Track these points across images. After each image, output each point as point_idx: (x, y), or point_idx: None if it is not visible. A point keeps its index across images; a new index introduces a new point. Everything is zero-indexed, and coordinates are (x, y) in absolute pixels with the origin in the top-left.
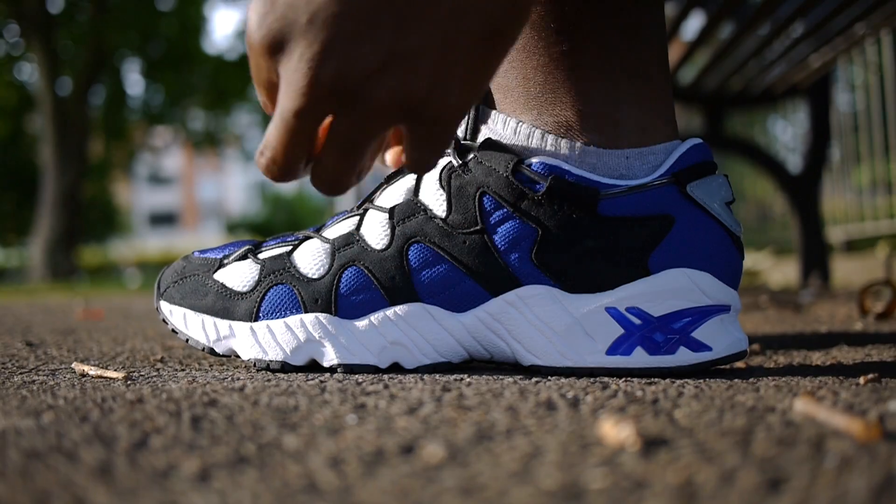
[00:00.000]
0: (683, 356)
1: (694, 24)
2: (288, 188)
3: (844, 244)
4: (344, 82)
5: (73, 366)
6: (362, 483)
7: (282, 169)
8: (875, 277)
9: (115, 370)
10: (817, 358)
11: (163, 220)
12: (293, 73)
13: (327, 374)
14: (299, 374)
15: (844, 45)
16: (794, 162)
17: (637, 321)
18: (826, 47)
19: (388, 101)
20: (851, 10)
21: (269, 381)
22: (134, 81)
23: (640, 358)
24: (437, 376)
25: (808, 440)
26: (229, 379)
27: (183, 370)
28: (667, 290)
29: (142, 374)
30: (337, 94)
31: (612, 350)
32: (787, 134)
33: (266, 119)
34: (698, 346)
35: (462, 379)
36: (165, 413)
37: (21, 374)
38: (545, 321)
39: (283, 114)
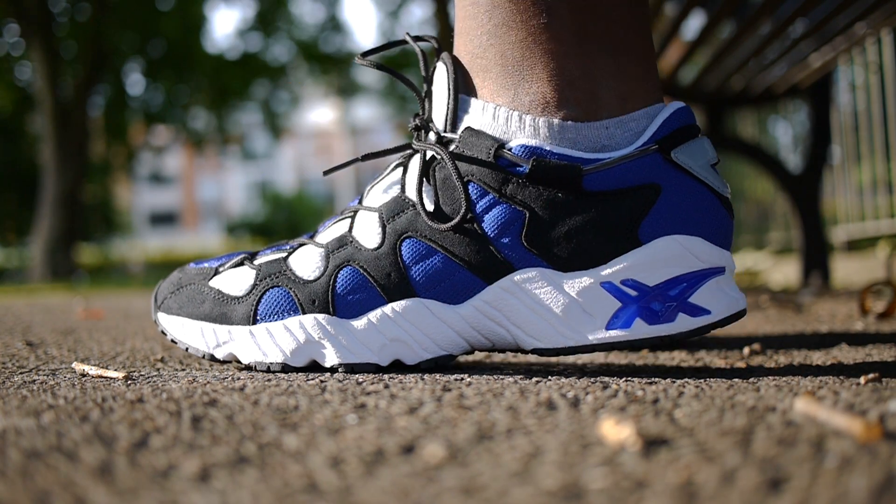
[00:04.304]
0: (683, 322)
1: (694, 24)
2: (287, 188)
3: (845, 244)
4: None
5: (73, 365)
6: (362, 483)
7: None
8: (876, 277)
9: (116, 370)
10: (818, 358)
11: (163, 219)
12: None
13: (327, 374)
14: (299, 374)
15: (845, 44)
16: (794, 162)
17: (633, 293)
18: (826, 47)
19: None
20: (852, 10)
21: (269, 381)
22: (134, 81)
23: (640, 329)
24: (438, 376)
25: (808, 440)
26: (229, 379)
27: (183, 370)
28: (659, 258)
29: (142, 373)
30: None
31: (612, 324)
32: (787, 134)
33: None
34: (697, 311)
35: (462, 379)
36: (165, 413)
37: (21, 373)
38: (542, 303)
39: None
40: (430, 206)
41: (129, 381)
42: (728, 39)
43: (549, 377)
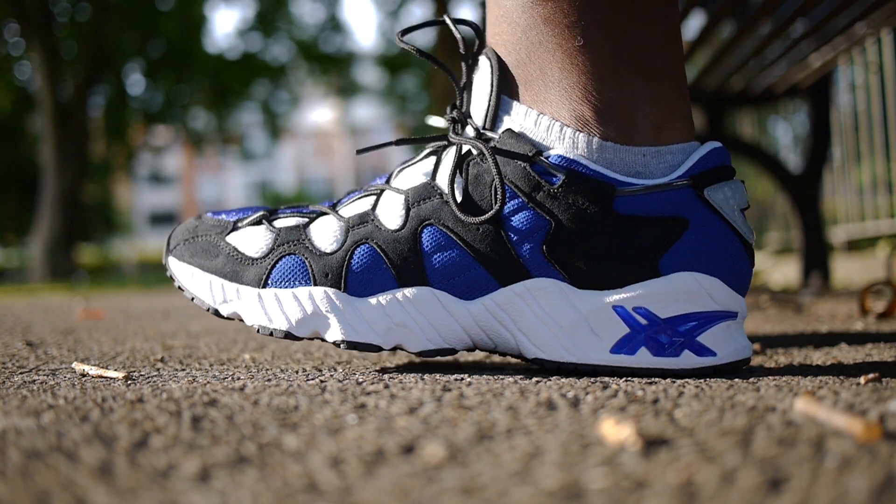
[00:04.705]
0: (687, 359)
1: (694, 24)
2: (287, 188)
3: (845, 244)
4: None
5: (73, 365)
6: (362, 483)
7: None
8: (876, 277)
9: (116, 370)
10: (818, 358)
11: (163, 219)
12: None
13: (328, 374)
14: (299, 374)
15: (845, 44)
16: (794, 161)
17: (643, 321)
18: (826, 47)
19: None
20: (852, 10)
21: (269, 380)
22: (134, 81)
23: (643, 358)
24: (438, 376)
25: (808, 440)
26: (229, 379)
27: (183, 370)
28: (676, 292)
29: (142, 373)
30: None
31: (617, 349)
32: (787, 134)
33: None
34: (702, 351)
35: (462, 379)
36: (165, 413)
37: (21, 373)
38: (551, 315)
39: None
40: (458, 199)
41: (129, 381)
42: (728, 39)
43: (549, 377)
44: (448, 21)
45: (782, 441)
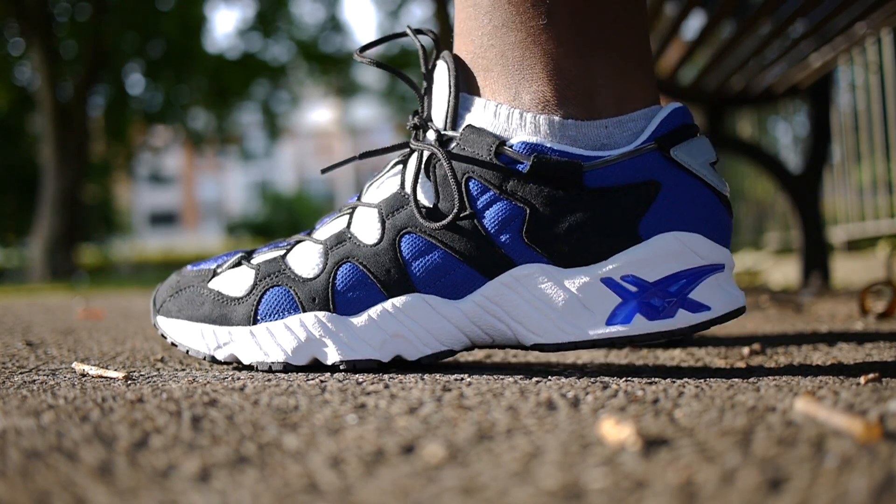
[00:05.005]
0: (683, 318)
1: (694, 24)
2: (287, 188)
3: (845, 244)
4: None
5: (73, 365)
6: (362, 483)
7: None
8: (876, 277)
9: (116, 370)
10: (818, 358)
11: (163, 219)
12: None
13: (327, 374)
14: (299, 373)
15: (845, 44)
16: (794, 162)
17: (633, 288)
18: (826, 47)
19: None
20: (852, 10)
21: (269, 380)
22: (134, 81)
23: (640, 325)
24: (438, 376)
25: (808, 440)
26: (229, 379)
27: (183, 370)
28: (660, 254)
29: (142, 373)
30: None
31: (612, 320)
32: (787, 134)
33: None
34: (697, 307)
35: (462, 379)
36: (165, 413)
37: (21, 373)
38: (542, 299)
39: None
40: (428, 203)
41: (129, 381)
42: (728, 39)
43: (549, 377)
44: (409, 31)
45: (782, 441)
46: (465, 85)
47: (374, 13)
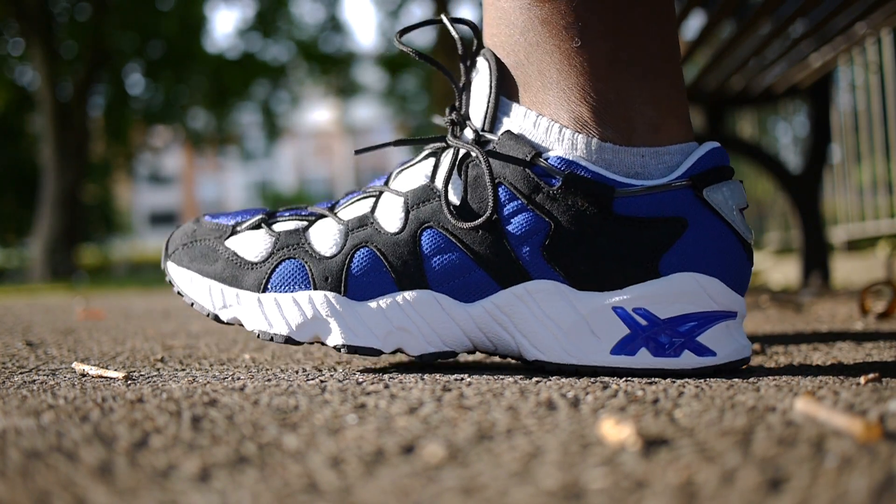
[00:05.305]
0: (687, 360)
1: (694, 24)
2: (287, 188)
3: (845, 244)
4: None
5: (73, 365)
6: (362, 483)
7: None
8: (876, 277)
9: (116, 370)
10: (818, 358)
11: (163, 219)
12: None
13: (327, 374)
14: (299, 374)
15: (845, 44)
16: (794, 162)
17: (643, 322)
18: (826, 47)
19: None
20: (852, 10)
21: (269, 381)
22: (134, 81)
23: (643, 359)
24: (438, 376)
25: (808, 440)
26: (229, 379)
27: (183, 370)
28: (675, 293)
29: (142, 373)
30: None
31: (617, 350)
32: (787, 134)
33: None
34: (702, 351)
35: (462, 379)
36: (165, 413)
37: (21, 373)
38: (551, 317)
39: None
40: (456, 202)
41: (129, 381)
42: (728, 39)
43: (549, 377)
44: (446, 21)
45: (782, 441)
46: (505, 89)
47: (374, 13)
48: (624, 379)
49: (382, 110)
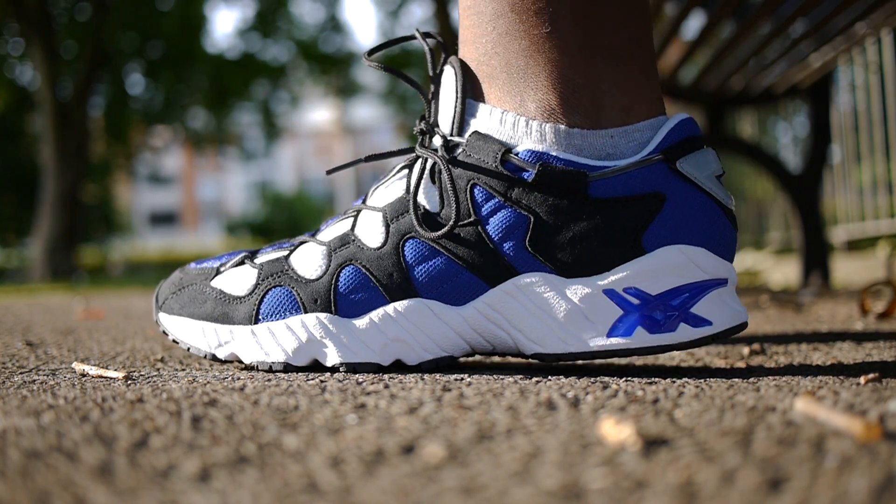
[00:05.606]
0: (684, 332)
1: (694, 24)
2: (287, 188)
3: (845, 244)
4: None
5: (73, 365)
6: (362, 483)
7: None
8: (876, 277)
9: (116, 370)
10: (818, 358)
11: (163, 219)
12: None
13: (327, 374)
14: (299, 373)
15: (845, 44)
16: (794, 162)
17: (635, 301)
18: (826, 47)
19: None
20: (852, 10)
21: (269, 380)
22: (134, 81)
23: (641, 338)
24: (438, 376)
25: (808, 440)
26: (229, 379)
27: (183, 370)
28: (663, 267)
29: (142, 373)
30: None
31: (613, 332)
32: (787, 134)
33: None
34: (698, 322)
35: (462, 379)
36: (165, 413)
37: (21, 373)
38: (544, 308)
39: None
40: (433, 210)
41: (129, 381)
42: (728, 39)
43: (549, 377)
44: (417, 35)
45: (782, 441)
46: (472, 91)
47: (374, 13)
48: (624, 379)
49: (382, 110)
